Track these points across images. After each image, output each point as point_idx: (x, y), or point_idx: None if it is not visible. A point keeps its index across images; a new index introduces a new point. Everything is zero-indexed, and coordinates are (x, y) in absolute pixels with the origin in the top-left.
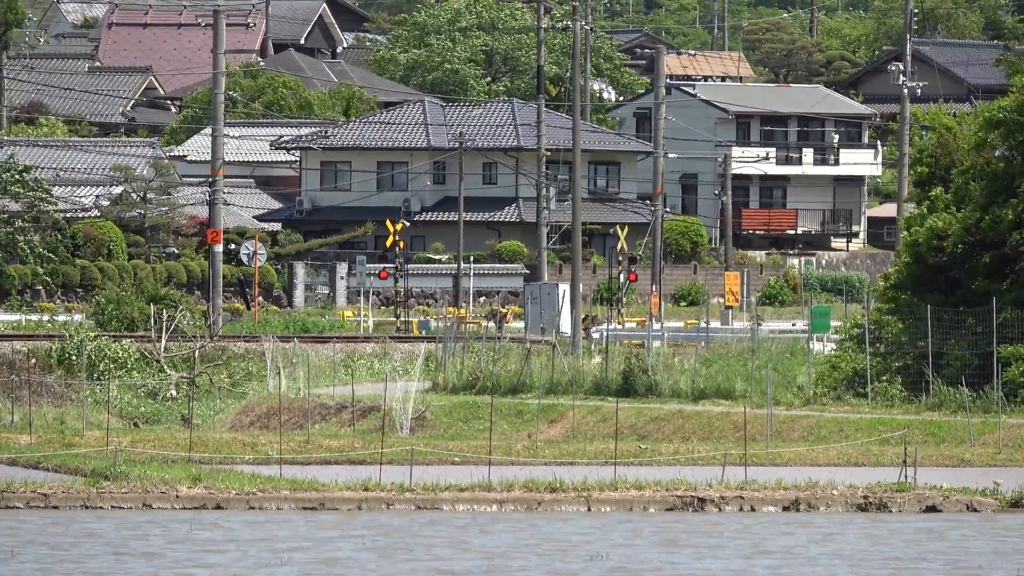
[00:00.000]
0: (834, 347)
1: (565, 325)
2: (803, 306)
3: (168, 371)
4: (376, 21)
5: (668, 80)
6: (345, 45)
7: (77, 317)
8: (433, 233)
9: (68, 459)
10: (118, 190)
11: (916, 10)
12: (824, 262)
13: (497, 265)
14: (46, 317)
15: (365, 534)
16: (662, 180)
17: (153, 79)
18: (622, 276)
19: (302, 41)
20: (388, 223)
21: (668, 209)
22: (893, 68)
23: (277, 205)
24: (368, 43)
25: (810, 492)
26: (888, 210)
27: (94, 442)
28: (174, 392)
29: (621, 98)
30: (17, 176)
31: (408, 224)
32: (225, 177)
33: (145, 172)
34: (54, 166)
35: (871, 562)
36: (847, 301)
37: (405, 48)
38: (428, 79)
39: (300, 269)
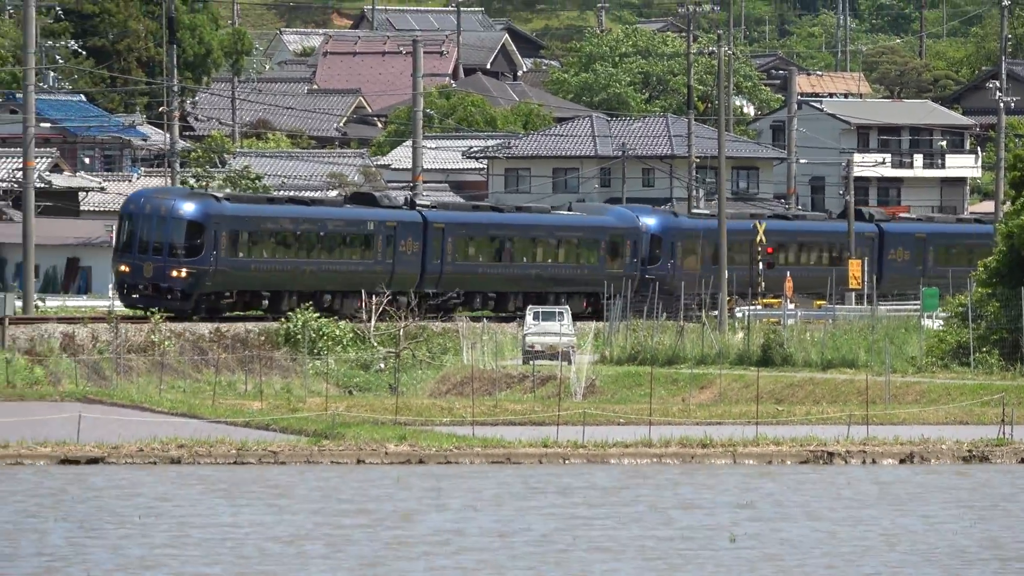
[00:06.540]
0: (942, 323)
1: None
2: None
3: (377, 347)
4: (551, 48)
5: (799, 97)
6: (524, 69)
7: None
8: None
9: (293, 422)
10: (333, 194)
11: (1010, 36)
12: None
13: None
14: None
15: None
16: (794, 182)
17: (362, 99)
18: (761, 264)
19: (488, 66)
20: None
21: (800, 207)
22: (991, 85)
23: None
24: (544, 67)
25: (923, 447)
26: (988, 207)
27: (315, 407)
28: (382, 365)
29: (759, 112)
30: (251, 184)
31: None
32: (424, 182)
33: (356, 178)
34: (279, 174)
35: None
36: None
37: (576, 72)
38: (595, 100)
39: None
